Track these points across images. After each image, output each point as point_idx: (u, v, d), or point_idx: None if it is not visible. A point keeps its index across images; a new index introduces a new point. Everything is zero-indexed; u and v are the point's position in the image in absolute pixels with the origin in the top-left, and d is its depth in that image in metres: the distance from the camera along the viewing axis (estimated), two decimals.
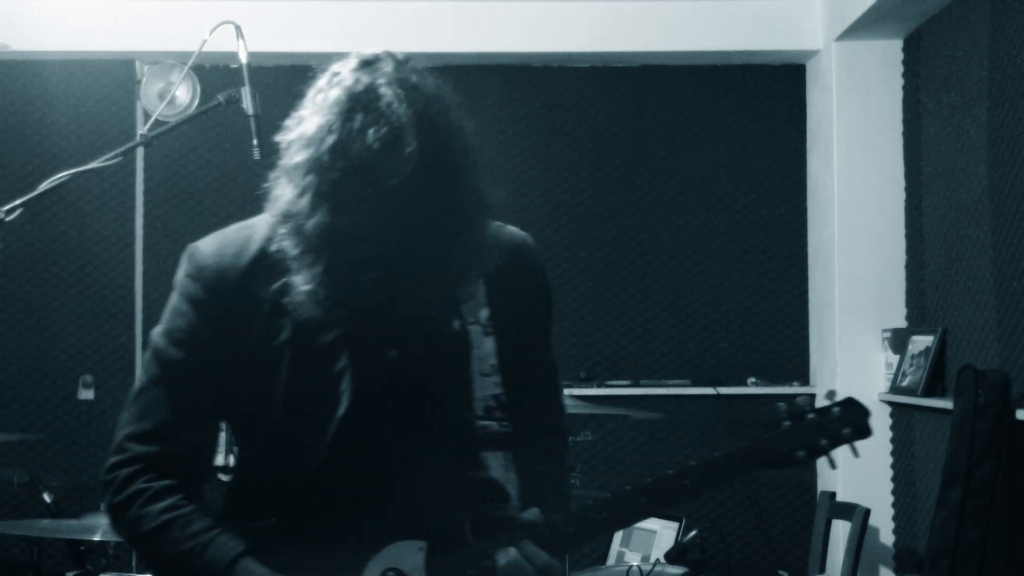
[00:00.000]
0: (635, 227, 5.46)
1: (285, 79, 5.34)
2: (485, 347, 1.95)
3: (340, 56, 1.90)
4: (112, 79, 5.33)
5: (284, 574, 1.84)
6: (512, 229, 2.06)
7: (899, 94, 5.07)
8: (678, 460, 5.39)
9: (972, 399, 3.87)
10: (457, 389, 1.92)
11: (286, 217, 1.81)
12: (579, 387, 5.17)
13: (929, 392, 4.57)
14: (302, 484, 1.89)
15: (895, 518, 5.01)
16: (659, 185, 5.47)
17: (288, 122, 1.86)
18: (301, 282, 1.81)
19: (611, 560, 4.78)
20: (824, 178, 5.23)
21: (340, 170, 1.75)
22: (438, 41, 5.19)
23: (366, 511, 1.88)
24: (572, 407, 3.88)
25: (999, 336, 4.15)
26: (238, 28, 2.80)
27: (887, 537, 5.02)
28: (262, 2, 5.08)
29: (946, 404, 4.27)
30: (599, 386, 5.32)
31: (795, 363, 5.43)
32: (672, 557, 3.79)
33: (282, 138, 1.85)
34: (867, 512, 4.49)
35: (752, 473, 1.93)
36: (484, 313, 1.96)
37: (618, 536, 4.85)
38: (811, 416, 1.91)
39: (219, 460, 4.88)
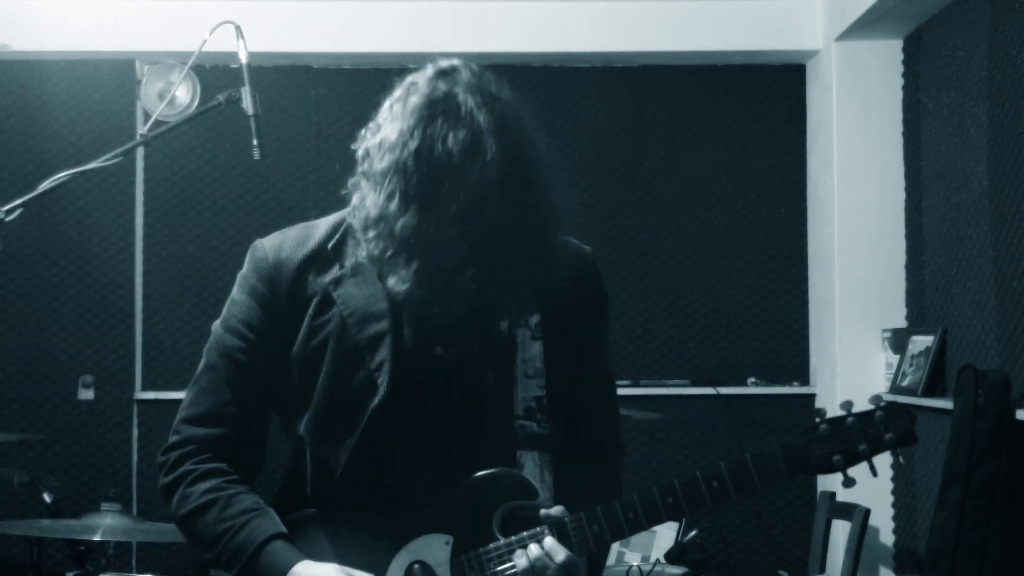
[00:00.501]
0: (635, 227, 5.45)
1: (285, 79, 5.36)
2: (532, 351, 1.98)
3: (339, 56, 1.93)
4: (112, 79, 5.32)
5: (314, 559, 1.88)
6: (573, 242, 2.10)
7: (899, 94, 5.07)
8: (678, 460, 5.40)
9: (972, 399, 3.87)
10: (499, 389, 1.96)
11: (376, 221, 1.86)
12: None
13: (929, 392, 4.57)
14: (339, 474, 1.94)
15: (895, 518, 5.01)
16: (659, 185, 5.46)
17: (364, 131, 1.92)
18: (396, 282, 1.87)
19: (611, 560, 4.78)
20: (824, 178, 5.23)
21: (424, 174, 1.81)
22: (438, 41, 5.18)
23: (397, 503, 1.92)
24: None
25: (999, 336, 4.15)
26: (238, 28, 2.80)
27: (887, 537, 5.02)
28: (262, 2, 5.08)
29: (946, 404, 4.27)
30: None
31: (795, 363, 5.43)
32: (672, 557, 3.80)
33: (360, 146, 1.91)
34: (867, 512, 4.49)
35: (785, 478, 1.88)
36: (534, 318, 1.99)
37: None
38: (851, 420, 1.86)
39: None
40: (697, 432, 5.35)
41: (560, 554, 1.86)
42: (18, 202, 2.33)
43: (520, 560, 1.87)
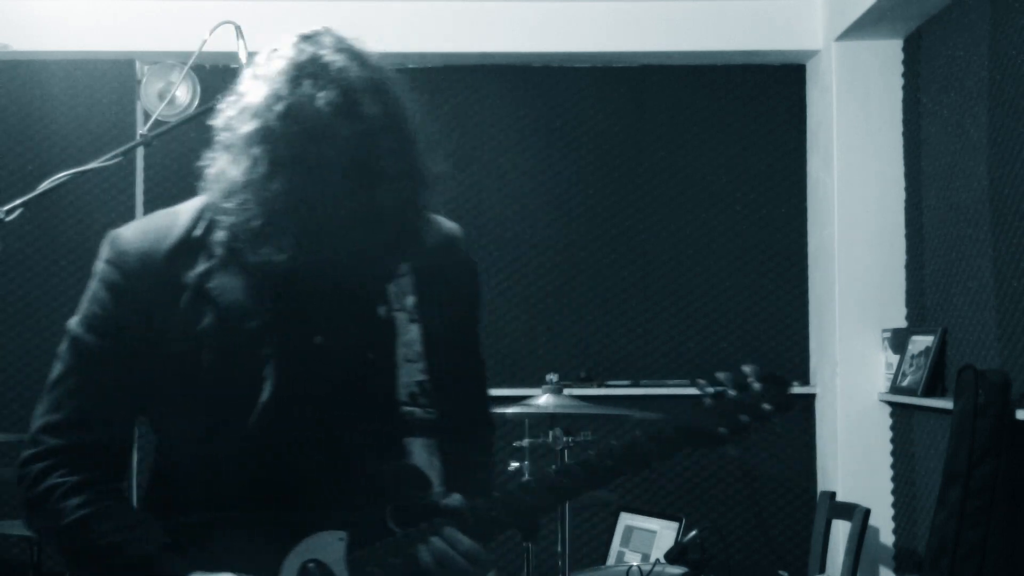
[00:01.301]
0: (635, 227, 5.45)
1: None
2: (411, 334, 1.93)
3: None
4: (112, 79, 5.32)
5: (204, 568, 1.81)
6: (442, 219, 2.04)
7: (899, 94, 5.07)
8: (678, 460, 5.40)
9: (972, 399, 3.87)
10: (382, 375, 1.91)
11: (241, 188, 1.77)
12: (579, 387, 5.16)
13: (929, 392, 4.57)
14: (224, 475, 1.86)
15: (895, 518, 5.01)
16: (659, 185, 5.46)
17: (223, 103, 1.83)
18: (271, 253, 1.78)
19: (611, 560, 4.78)
20: (824, 178, 5.23)
21: (295, 136, 1.73)
22: (438, 41, 5.19)
23: (288, 501, 1.85)
24: (572, 407, 3.88)
25: (999, 336, 4.15)
26: (238, 28, 2.81)
27: (887, 537, 5.02)
28: (262, 2, 5.08)
29: (946, 404, 4.27)
30: (599, 386, 5.31)
31: (795, 363, 5.43)
32: (672, 557, 3.80)
33: (219, 117, 1.82)
34: (867, 512, 4.49)
35: (677, 452, 1.91)
36: (410, 300, 1.94)
37: (618, 536, 4.85)
38: (731, 393, 1.92)
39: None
40: None
41: (462, 543, 1.83)
42: (18, 202, 2.33)
43: (423, 553, 1.83)
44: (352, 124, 1.74)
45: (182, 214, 1.91)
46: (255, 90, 1.79)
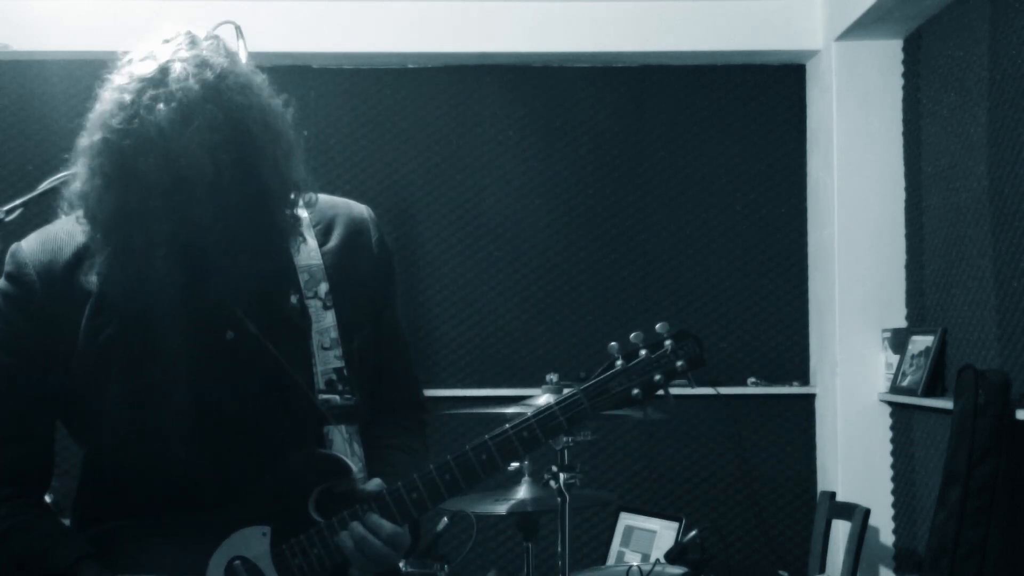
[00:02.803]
0: (635, 227, 5.45)
1: (285, 79, 5.34)
2: (325, 321, 1.92)
3: (339, 56, 1.90)
4: None
5: (127, 573, 1.81)
6: (348, 202, 2.05)
7: (899, 94, 5.07)
8: (678, 460, 5.40)
9: (972, 399, 3.87)
10: (297, 365, 1.90)
11: (81, 199, 1.78)
12: (579, 387, 5.14)
13: (929, 392, 4.57)
14: (146, 478, 1.86)
15: (895, 518, 5.01)
16: (659, 185, 5.46)
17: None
18: (91, 267, 1.80)
19: (611, 560, 4.78)
20: (824, 178, 5.23)
21: (128, 148, 1.72)
22: (438, 41, 5.19)
23: (210, 500, 1.85)
24: None
25: (999, 336, 4.15)
26: (238, 28, 2.81)
27: (887, 537, 5.02)
28: (262, 2, 5.08)
29: (946, 404, 4.27)
30: None
31: (795, 363, 5.43)
32: (672, 557, 3.80)
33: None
34: (867, 512, 4.49)
35: (592, 417, 1.91)
36: (323, 287, 1.93)
37: (618, 536, 4.85)
38: (643, 352, 1.91)
39: None
40: (697, 432, 5.35)
41: (383, 529, 1.83)
42: (18, 202, 2.33)
43: (344, 540, 1.83)
44: (187, 135, 1.70)
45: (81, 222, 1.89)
46: (108, 98, 1.78)
